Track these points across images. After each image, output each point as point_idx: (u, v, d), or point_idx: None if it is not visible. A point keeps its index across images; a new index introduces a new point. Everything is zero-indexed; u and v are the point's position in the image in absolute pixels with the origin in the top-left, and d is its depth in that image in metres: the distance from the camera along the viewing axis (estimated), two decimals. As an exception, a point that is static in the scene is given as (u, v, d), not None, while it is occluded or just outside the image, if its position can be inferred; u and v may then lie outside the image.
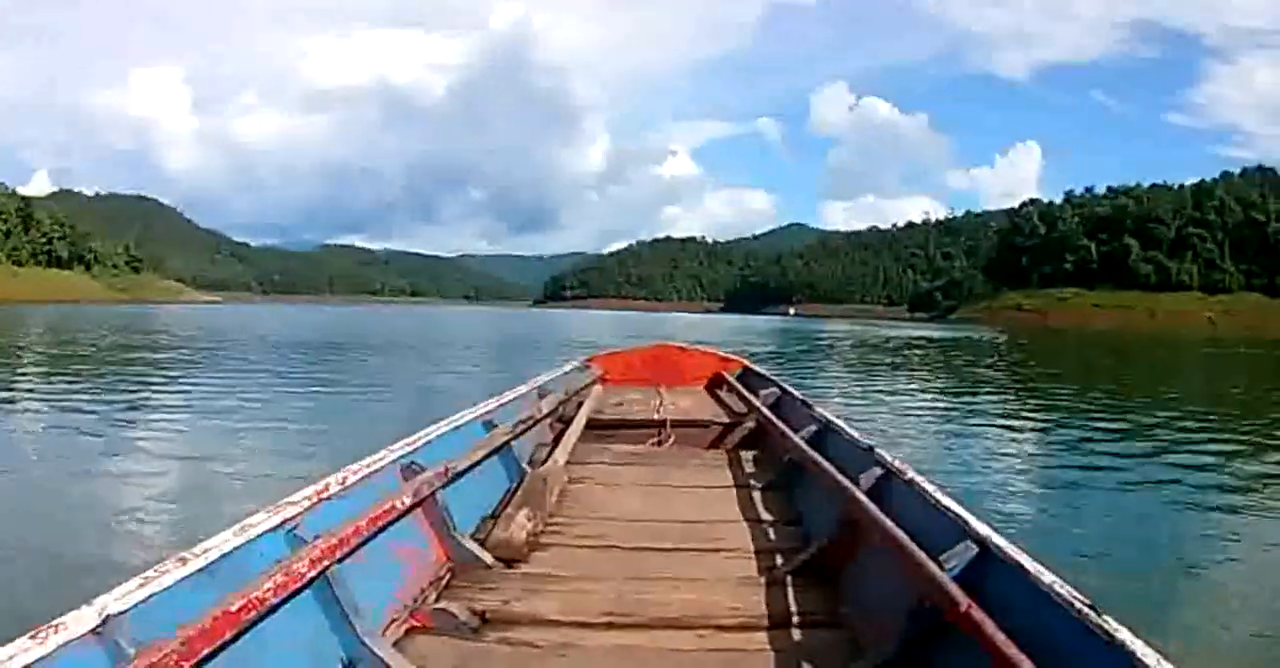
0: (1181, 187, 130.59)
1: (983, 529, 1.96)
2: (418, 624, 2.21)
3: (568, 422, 4.94)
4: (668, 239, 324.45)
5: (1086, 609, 1.47)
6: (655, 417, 5.46)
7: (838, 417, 3.94)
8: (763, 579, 2.61)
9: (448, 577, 2.57)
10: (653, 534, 3.08)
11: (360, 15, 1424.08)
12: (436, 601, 2.35)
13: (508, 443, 3.71)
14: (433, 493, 2.64)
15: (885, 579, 2.13)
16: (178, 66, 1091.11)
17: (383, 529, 2.28)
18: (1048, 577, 1.64)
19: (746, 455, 4.59)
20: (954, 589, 1.69)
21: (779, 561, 2.78)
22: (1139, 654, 1.29)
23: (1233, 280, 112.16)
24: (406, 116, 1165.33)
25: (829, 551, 2.62)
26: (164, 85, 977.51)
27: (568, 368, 6.48)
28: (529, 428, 4.20)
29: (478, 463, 3.21)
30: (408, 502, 2.41)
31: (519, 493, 3.28)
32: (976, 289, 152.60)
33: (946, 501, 2.22)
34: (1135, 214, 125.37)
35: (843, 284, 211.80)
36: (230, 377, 15.33)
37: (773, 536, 3.11)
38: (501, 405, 4.18)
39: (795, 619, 2.32)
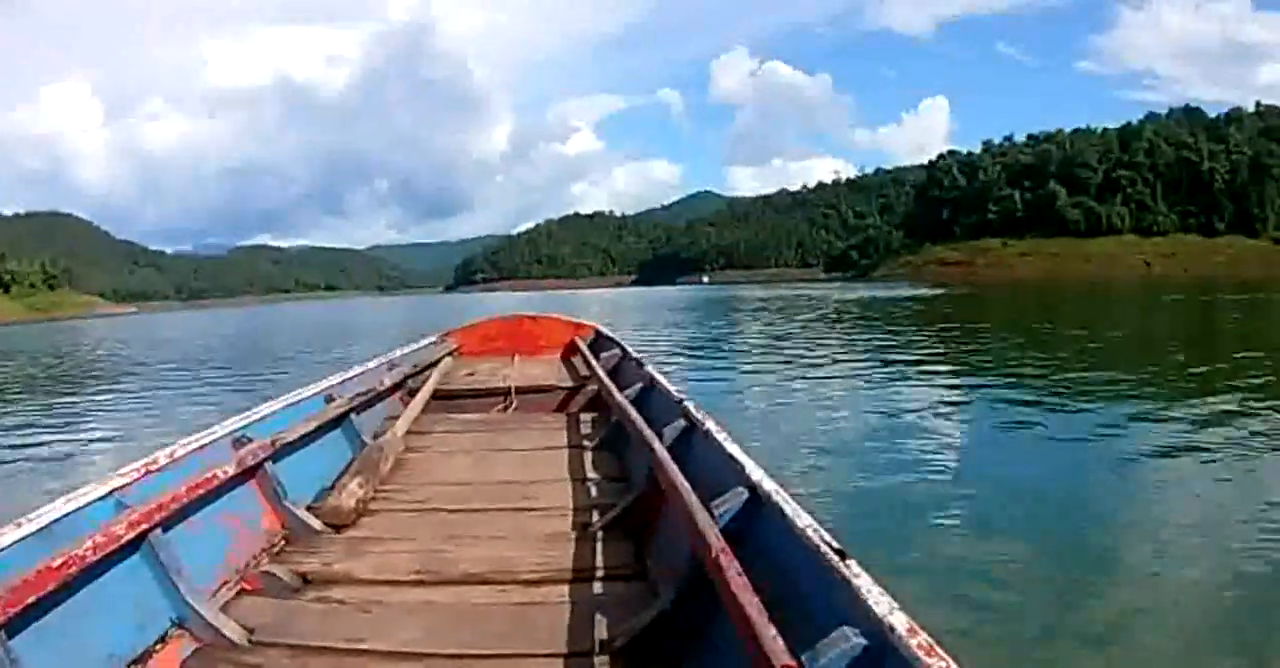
0: (1106, 130, 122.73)
1: (755, 475, 2.01)
2: (247, 587, 2.33)
3: (416, 394, 4.95)
4: (576, 215, 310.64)
5: (832, 554, 1.47)
6: (501, 385, 5.49)
7: (661, 374, 4.05)
8: (573, 535, 2.70)
9: (281, 543, 2.68)
10: (477, 496, 3.19)
11: (259, 14, 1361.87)
12: (268, 565, 2.45)
13: (346, 416, 3.82)
14: (261, 464, 2.77)
15: (677, 529, 2.15)
16: (85, 81, 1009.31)
17: (212, 500, 2.43)
18: (804, 520, 1.65)
19: (585, 418, 4.67)
20: (710, 535, 1.72)
21: (594, 517, 2.85)
22: (872, 603, 1.29)
23: (1167, 222, 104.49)
24: (309, 112, 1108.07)
25: (640, 505, 2.71)
26: (73, 100, 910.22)
27: (423, 343, 6.58)
28: (371, 401, 4.33)
29: (314, 436, 3.36)
30: (231, 471, 2.53)
31: (354, 463, 3.34)
32: (894, 245, 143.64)
33: (730, 448, 2.30)
34: (1059, 160, 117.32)
35: (756, 249, 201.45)
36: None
37: (594, 493, 3.19)
38: (345, 380, 4.30)
39: (599, 573, 2.38)
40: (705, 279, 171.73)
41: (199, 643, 1.98)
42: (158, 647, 1.93)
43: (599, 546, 2.57)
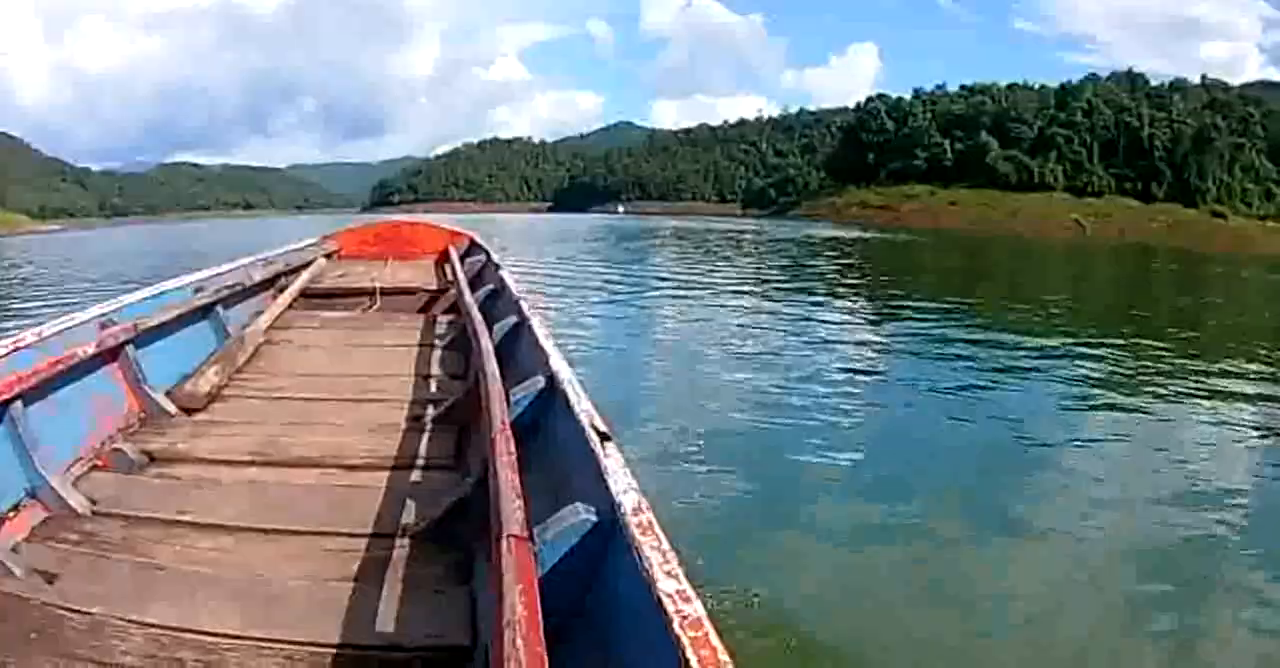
0: (1043, 87, 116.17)
1: (555, 364, 2.19)
2: (99, 463, 2.45)
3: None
4: (495, 140, 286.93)
5: (595, 436, 1.58)
6: (369, 286, 5.57)
7: (514, 278, 4.30)
8: (404, 426, 2.86)
9: (136, 424, 2.83)
10: (326, 388, 3.35)
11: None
12: (120, 443, 2.57)
13: (214, 307, 3.95)
14: (123, 346, 2.90)
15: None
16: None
17: (73, 379, 2.55)
18: (583, 406, 1.80)
19: (444, 319, 4.82)
20: (497, 421, 1.82)
21: (429, 410, 3.00)
22: (611, 482, 1.38)
23: (1102, 183, 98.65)
24: (241, 32, 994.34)
25: (470, 399, 2.81)
26: (12, 18, 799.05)
27: (303, 243, 6.70)
28: (240, 295, 4.45)
29: (178, 324, 3.51)
30: (91, 351, 2.64)
31: (216, 352, 3.52)
32: (814, 186, 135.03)
33: (543, 340, 2.50)
34: (993, 112, 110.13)
35: (673, 182, 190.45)
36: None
37: (434, 388, 3.37)
38: (217, 274, 4.43)
39: (419, 462, 2.53)
40: (621, 209, 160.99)
41: (48, 513, 2.08)
42: (11, 515, 2.02)
43: (425, 436, 2.70)
